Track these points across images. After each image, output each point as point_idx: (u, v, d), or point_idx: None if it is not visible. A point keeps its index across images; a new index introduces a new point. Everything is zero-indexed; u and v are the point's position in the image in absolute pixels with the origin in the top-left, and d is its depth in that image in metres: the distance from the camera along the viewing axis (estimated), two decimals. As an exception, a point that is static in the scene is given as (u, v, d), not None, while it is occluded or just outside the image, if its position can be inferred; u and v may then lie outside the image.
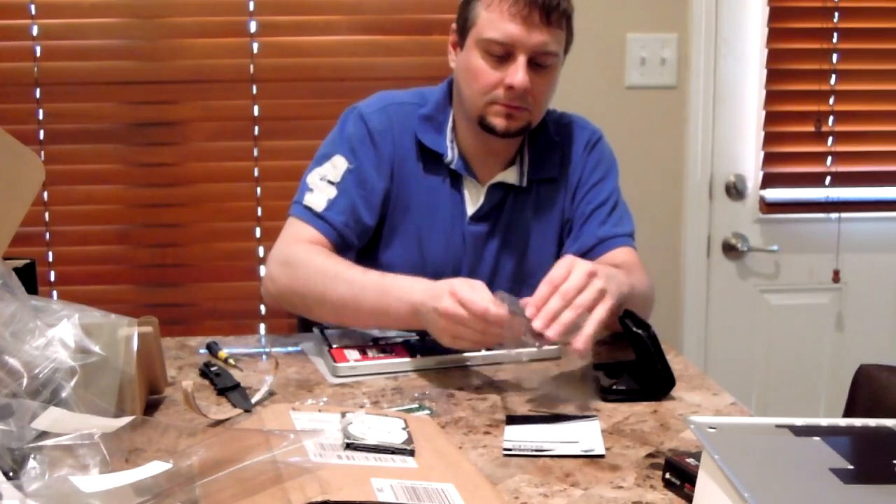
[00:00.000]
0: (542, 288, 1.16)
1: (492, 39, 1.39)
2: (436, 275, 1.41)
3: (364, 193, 1.47)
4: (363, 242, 1.50)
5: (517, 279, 1.54)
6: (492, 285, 1.30)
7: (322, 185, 1.46)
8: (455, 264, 1.51)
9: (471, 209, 1.52)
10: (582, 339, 1.13)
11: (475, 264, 1.52)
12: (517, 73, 1.38)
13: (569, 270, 1.17)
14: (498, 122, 1.43)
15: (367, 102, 1.54)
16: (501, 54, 1.40)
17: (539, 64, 1.41)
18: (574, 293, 1.15)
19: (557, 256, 1.53)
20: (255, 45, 2.15)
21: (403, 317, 1.30)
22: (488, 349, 1.32)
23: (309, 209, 1.45)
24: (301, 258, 1.40)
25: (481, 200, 1.52)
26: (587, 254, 1.48)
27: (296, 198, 1.48)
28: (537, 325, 1.13)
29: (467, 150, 1.51)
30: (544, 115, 1.53)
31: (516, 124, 1.44)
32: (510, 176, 1.52)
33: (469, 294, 1.17)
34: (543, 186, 1.55)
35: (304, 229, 1.44)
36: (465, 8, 1.45)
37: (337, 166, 1.47)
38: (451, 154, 1.50)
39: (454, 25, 1.48)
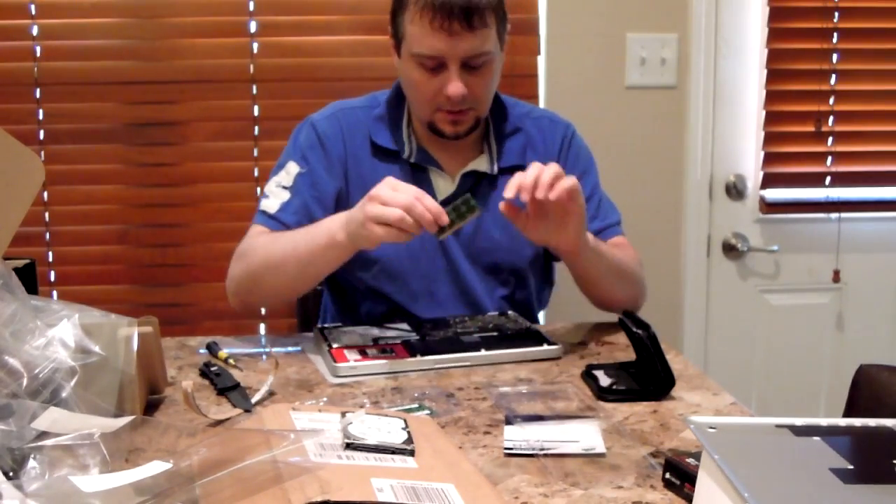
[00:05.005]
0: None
1: (421, 54, 1.42)
2: (412, 259, 1.52)
3: (316, 194, 1.52)
4: None
5: (490, 270, 1.57)
6: (466, 274, 1.49)
7: (277, 190, 1.54)
8: (430, 247, 1.53)
9: (441, 195, 1.53)
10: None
11: (450, 246, 1.54)
12: (451, 84, 1.42)
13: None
14: (446, 128, 1.49)
15: (319, 112, 1.61)
16: (434, 66, 1.43)
17: (473, 66, 1.43)
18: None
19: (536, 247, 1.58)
20: (255, 45, 2.15)
21: (334, 230, 1.36)
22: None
23: (264, 213, 1.53)
24: (247, 245, 1.50)
25: (454, 188, 1.54)
26: None
27: (257, 207, 1.56)
28: (507, 194, 1.28)
29: (427, 143, 1.55)
30: (509, 107, 1.58)
31: (464, 127, 1.50)
32: (482, 164, 1.55)
33: (404, 184, 1.30)
34: (515, 171, 1.55)
35: (259, 231, 1.52)
36: (394, 19, 1.48)
37: (290, 172, 1.54)
38: (407, 149, 1.54)
39: (390, 29, 1.50)
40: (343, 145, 1.55)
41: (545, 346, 1.37)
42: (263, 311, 2.25)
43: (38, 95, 2.12)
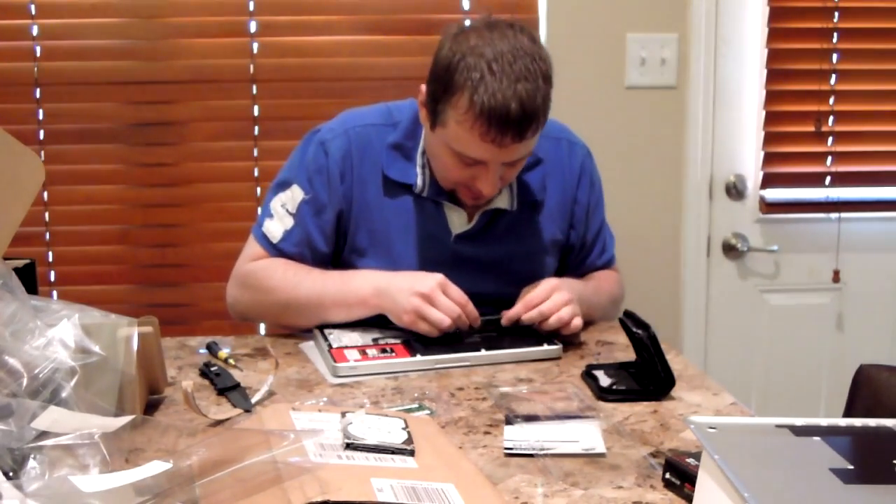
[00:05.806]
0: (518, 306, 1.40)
1: (463, 153, 1.35)
2: None
3: (320, 223, 1.49)
4: (325, 267, 1.51)
5: (504, 297, 1.50)
6: (478, 301, 1.41)
7: (281, 212, 1.50)
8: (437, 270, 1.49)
9: (456, 229, 1.49)
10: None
11: (461, 283, 1.44)
12: (486, 183, 1.37)
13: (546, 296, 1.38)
14: (467, 201, 1.46)
15: (329, 126, 1.52)
16: (473, 163, 1.36)
17: (513, 165, 1.39)
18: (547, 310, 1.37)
19: (550, 268, 1.58)
20: (255, 45, 2.15)
21: (366, 296, 1.41)
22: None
23: (266, 238, 1.50)
24: (259, 277, 1.49)
25: (470, 226, 1.49)
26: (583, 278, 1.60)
27: (258, 218, 1.53)
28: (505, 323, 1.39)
29: None
30: None
31: (485, 200, 1.45)
32: (502, 201, 1.49)
33: (455, 288, 1.37)
34: (535, 205, 1.53)
35: (258, 253, 1.51)
36: (434, 101, 1.36)
37: (294, 196, 1.49)
38: (420, 182, 1.46)
39: (424, 90, 1.39)
40: (351, 170, 1.47)
41: (545, 346, 1.37)
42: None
43: (38, 95, 2.12)
